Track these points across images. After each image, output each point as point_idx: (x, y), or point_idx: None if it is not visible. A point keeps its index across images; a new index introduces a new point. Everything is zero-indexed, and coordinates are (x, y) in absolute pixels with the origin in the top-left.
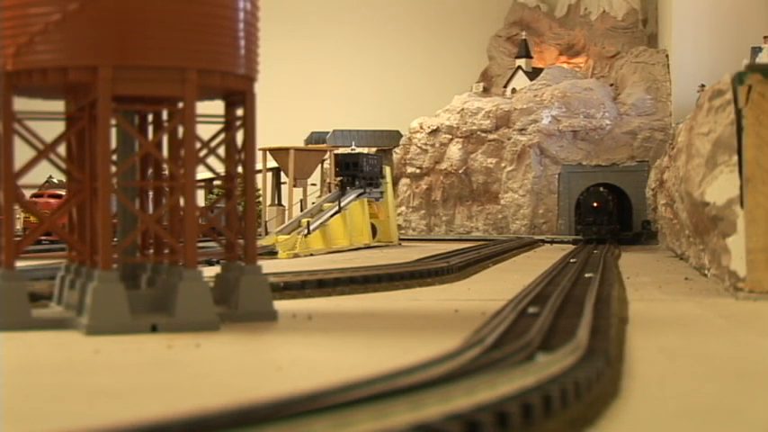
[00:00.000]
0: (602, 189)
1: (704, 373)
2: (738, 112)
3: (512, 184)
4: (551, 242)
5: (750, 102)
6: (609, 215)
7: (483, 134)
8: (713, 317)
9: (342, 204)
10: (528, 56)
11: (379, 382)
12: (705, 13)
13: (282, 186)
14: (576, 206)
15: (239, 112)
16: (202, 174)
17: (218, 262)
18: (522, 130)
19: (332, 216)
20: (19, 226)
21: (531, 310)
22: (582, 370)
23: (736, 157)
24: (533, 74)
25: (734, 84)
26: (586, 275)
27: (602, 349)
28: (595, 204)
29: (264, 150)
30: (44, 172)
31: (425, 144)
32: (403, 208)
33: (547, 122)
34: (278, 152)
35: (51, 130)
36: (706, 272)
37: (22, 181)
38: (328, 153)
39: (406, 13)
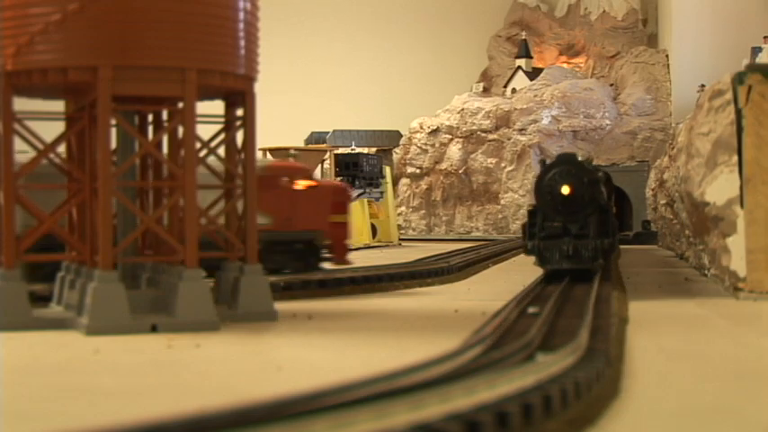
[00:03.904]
0: (581, 161)
1: (704, 373)
2: (738, 112)
3: (512, 184)
4: None
5: (750, 102)
6: (600, 214)
7: (483, 134)
8: (713, 317)
9: None
10: (528, 56)
11: (379, 382)
12: (705, 14)
13: None
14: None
15: (239, 112)
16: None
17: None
18: (522, 130)
19: None
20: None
21: (532, 310)
22: (582, 370)
23: (736, 157)
24: (533, 74)
25: (734, 84)
26: None
27: (602, 349)
28: (566, 192)
29: (264, 150)
30: None
31: (425, 144)
32: (403, 208)
33: (547, 122)
34: (278, 152)
35: (51, 130)
36: (706, 272)
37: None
38: (328, 153)
39: (407, 13)
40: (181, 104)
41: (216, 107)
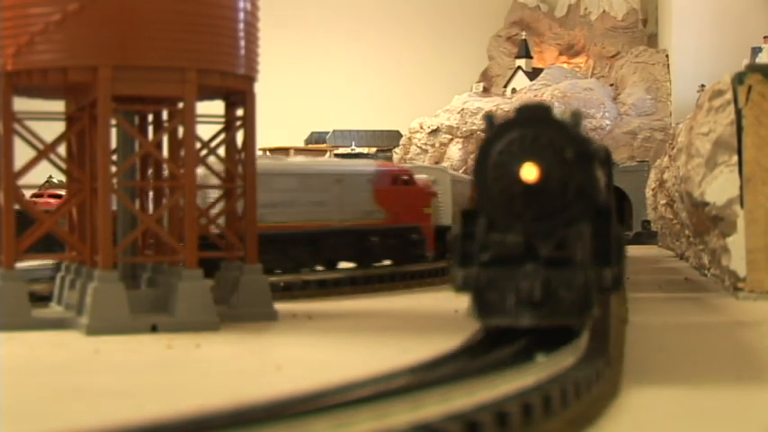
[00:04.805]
0: (561, 120)
1: (704, 373)
2: (738, 112)
3: None
4: None
5: (750, 102)
6: (596, 221)
7: (483, 134)
8: (713, 317)
9: None
10: (528, 56)
11: (379, 382)
12: (705, 13)
13: None
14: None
15: (239, 112)
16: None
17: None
18: None
19: None
20: None
21: None
22: (582, 370)
23: (736, 157)
24: (533, 74)
25: (734, 84)
26: None
27: (602, 349)
28: (532, 177)
29: (264, 150)
30: (44, 172)
31: (425, 144)
32: None
33: None
34: (278, 152)
35: (51, 130)
36: (706, 272)
37: (22, 181)
38: (328, 153)
39: (407, 14)
40: (181, 104)
41: (216, 107)
